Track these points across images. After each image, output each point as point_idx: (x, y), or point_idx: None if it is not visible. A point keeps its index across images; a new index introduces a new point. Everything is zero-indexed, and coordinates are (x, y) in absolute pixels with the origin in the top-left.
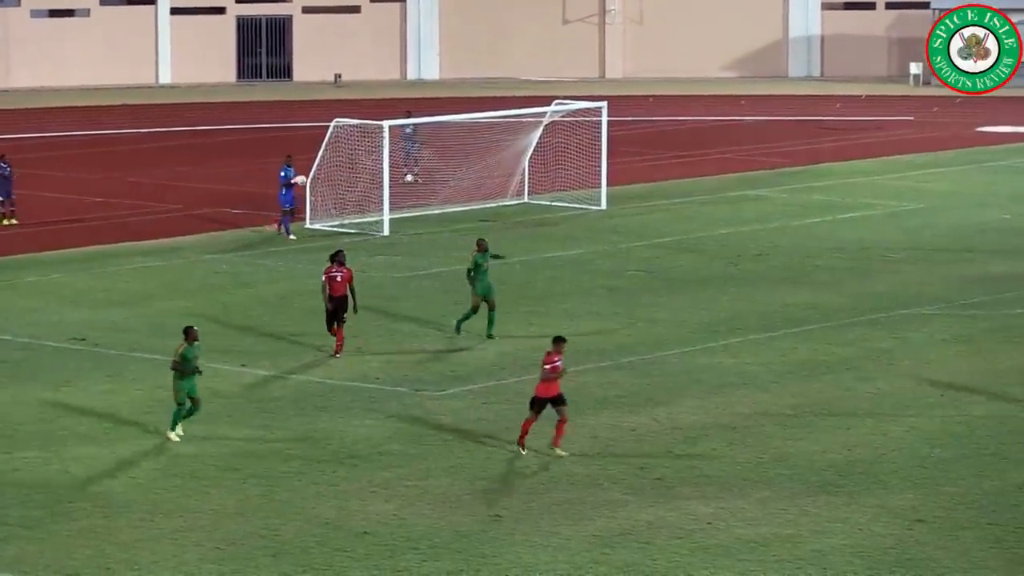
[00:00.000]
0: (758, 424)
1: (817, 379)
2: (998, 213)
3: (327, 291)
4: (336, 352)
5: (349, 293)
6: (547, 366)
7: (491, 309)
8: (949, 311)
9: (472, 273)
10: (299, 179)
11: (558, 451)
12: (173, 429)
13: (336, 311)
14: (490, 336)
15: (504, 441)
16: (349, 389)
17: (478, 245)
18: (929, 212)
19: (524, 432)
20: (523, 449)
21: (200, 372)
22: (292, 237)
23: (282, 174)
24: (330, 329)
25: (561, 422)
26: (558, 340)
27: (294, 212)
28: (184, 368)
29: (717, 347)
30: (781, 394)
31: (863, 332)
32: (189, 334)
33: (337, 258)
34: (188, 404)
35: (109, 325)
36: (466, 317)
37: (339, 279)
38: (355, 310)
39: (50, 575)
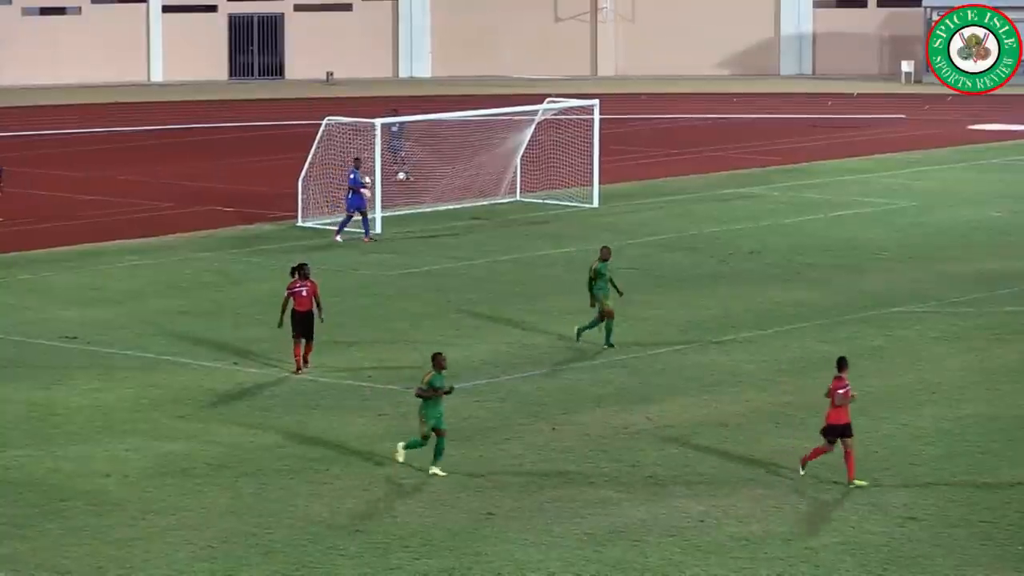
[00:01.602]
0: (750, 422)
1: (809, 377)
2: (989, 211)
3: (291, 306)
4: (298, 369)
5: (315, 307)
6: (840, 391)
7: (609, 318)
8: (941, 309)
9: (593, 281)
10: (367, 180)
11: (856, 483)
12: (406, 449)
13: (306, 327)
14: (610, 345)
15: (496, 439)
16: (341, 387)
17: (601, 253)
18: (921, 210)
19: (813, 456)
20: (803, 469)
21: (451, 391)
22: (338, 239)
23: (351, 177)
24: (298, 345)
25: (848, 453)
26: (843, 363)
27: (363, 215)
28: (431, 395)
29: (709, 345)
30: (773, 392)
31: (855, 330)
32: (437, 361)
33: (302, 271)
34: (429, 437)
35: (101, 323)
36: (591, 325)
37: (304, 294)
38: (321, 319)
39: (42, 574)
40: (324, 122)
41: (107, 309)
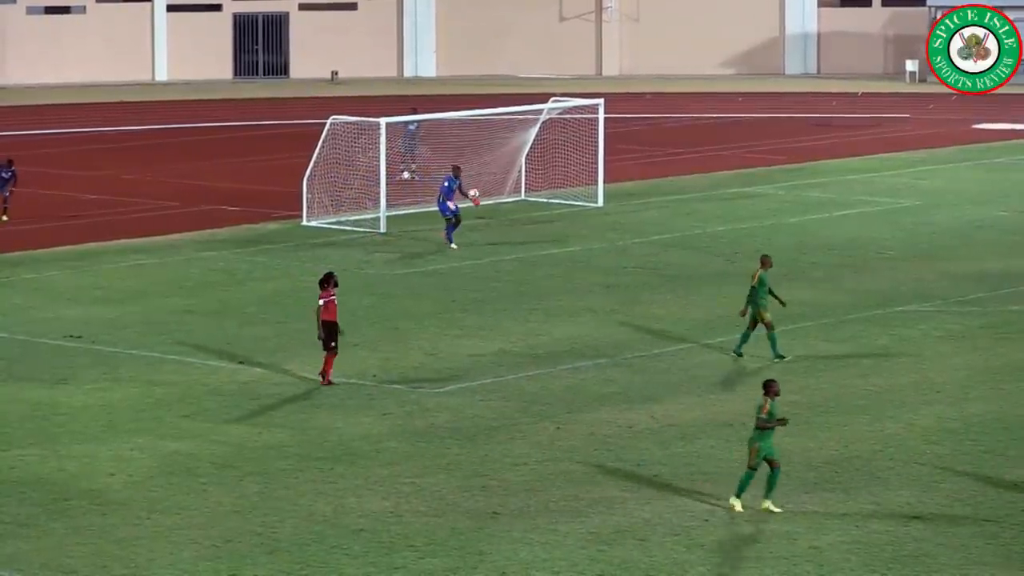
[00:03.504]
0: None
1: (814, 376)
2: (994, 210)
3: (327, 315)
4: (328, 380)
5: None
6: None
7: (770, 329)
8: (946, 308)
9: (755, 290)
10: (473, 192)
11: None
12: (738, 496)
13: (336, 335)
14: (781, 357)
15: (501, 438)
16: (346, 386)
17: (763, 261)
18: (925, 209)
19: None
20: None
21: (786, 422)
22: (453, 246)
23: (445, 184)
24: (333, 349)
25: None
26: None
27: (458, 220)
28: (775, 425)
29: (714, 344)
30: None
31: (860, 329)
32: (772, 388)
33: (334, 279)
34: (758, 468)
35: (105, 322)
36: (744, 339)
37: (335, 302)
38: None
39: (47, 573)
40: (329, 121)
41: (112, 308)
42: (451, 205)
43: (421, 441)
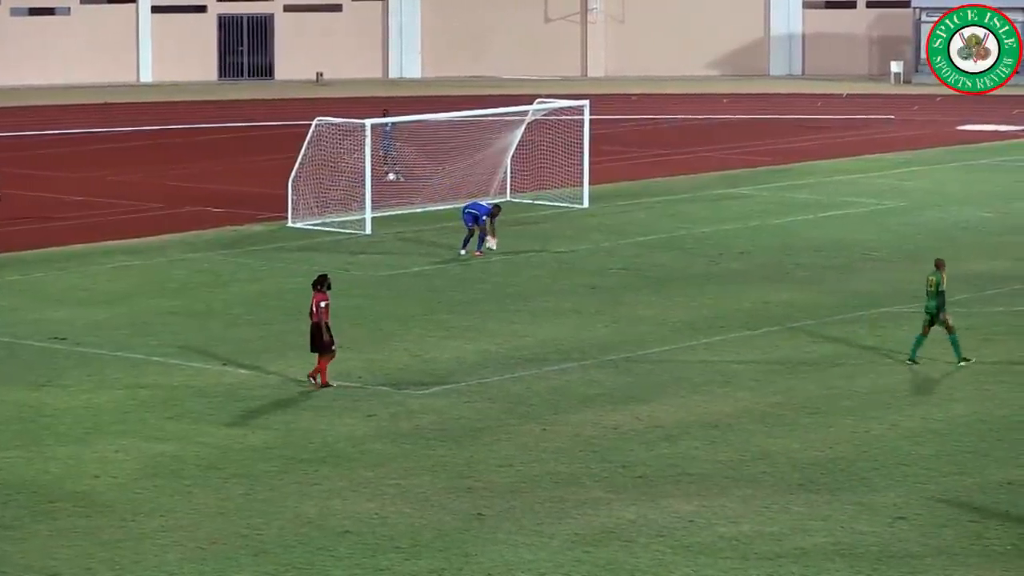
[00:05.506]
0: (740, 422)
1: (799, 377)
2: (979, 211)
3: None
4: (325, 382)
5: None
6: None
7: (951, 332)
8: None
9: (939, 295)
10: (491, 243)
11: None
12: None
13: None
14: (964, 360)
15: (486, 440)
16: (331, 388)
17: (939, 265)
18: (910, 210)
19: None
20: None
21: None
22: (462, 252)
23: (483, 218)
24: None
25: None
26: None
27: (471, 232)
28: None
29: (699, 345)
30: (763, 392)
31: (845, 330)
32: None
33: (328, 281)
34: None
35: (91, 324)
36: (920, 343)
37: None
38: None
39: (31, 575)
40: (314, 123)
41: (97, 310)
42: (482, 237)
43: (406, 442)
